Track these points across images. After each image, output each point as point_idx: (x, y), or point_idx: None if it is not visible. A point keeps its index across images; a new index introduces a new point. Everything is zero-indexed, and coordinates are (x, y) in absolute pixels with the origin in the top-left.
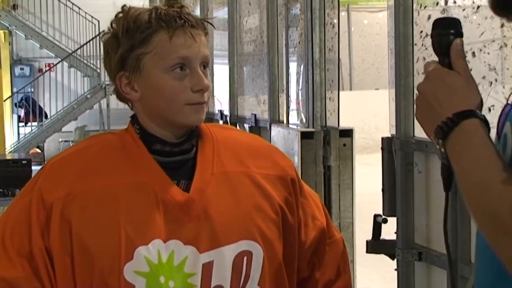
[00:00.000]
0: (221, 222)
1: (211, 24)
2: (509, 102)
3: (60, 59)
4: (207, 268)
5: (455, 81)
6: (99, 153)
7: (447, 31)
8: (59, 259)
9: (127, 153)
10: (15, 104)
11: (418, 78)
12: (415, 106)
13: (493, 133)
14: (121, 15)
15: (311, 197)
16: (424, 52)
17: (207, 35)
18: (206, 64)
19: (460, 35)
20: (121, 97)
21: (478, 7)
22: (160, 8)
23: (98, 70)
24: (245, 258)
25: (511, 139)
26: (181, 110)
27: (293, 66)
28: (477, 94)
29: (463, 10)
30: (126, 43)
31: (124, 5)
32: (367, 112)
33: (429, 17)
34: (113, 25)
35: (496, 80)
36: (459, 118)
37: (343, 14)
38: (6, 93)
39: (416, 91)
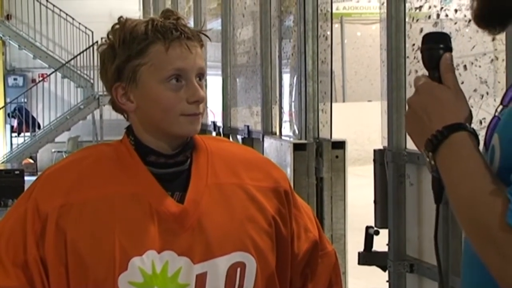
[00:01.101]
0: (215, 234)
1: (207, 36)
2: (497, 114)
3: (53, 70)
4: (201, 279)
5: (444, 95)
6: (94, 164)
7: (437, 45)
8: (54, 269)
9: (122, 164)
10: (8, 115)
11: (410, 91)
12: (404, 120)
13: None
14: (117, 26)
15: (304, 209)
16: (416, 65)
17: (203, 47)
18: (202, 75)
19: (450, 49)
20: (116, 108)
21: (470, 20)
22: (157, 19)
23: (92, 81)
24: (238, 269)
25: (498, 151)
26: (177, 121)
27: (286, 78)
28: (466, 107)
29: (455, 23)
30: (123, 54)
31: (121, 17)
32: (360, 124)
33: (421, 30)
34: (110, 36)
35: (487, 93)
36: (448, 131)
37: (336, 26)
38: None
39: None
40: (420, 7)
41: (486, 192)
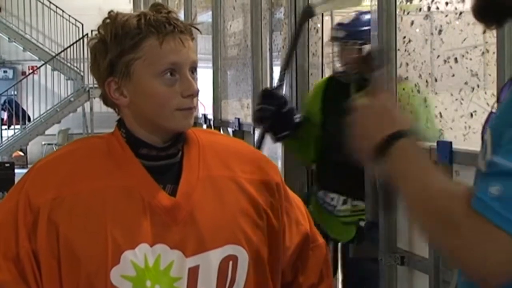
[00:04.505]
0: (207, 227)
1: (198, 29)
2: (493, 110)
3: (43, 62)
4: (193, 272)
5: (381, 110)
6: (86, 157)
7: (373, 60)
8: (46, 262)
9: (113, 157)
10: None
11: (402, 84)
12: (349, 136)
13: (477, 138)
14: (108, 20)
15: (295, 202)
16: (407, 58)
17: (194, 39)
18: (195, 68)
19: (384, 64)
20: (108, 103)
21: (461, 13)
22: (148, 13)
23: (82, 73)
24: (230, 263)
25: (490, 145)
26: (172, 115)
27: (276, 71)
28: (403, 117)
29: (446, 16)
30: (115, 49)
31: (111, 11)
32: None
33: (412, 23)
34: (100, 30)
35: (478, 85)
36: (393, 138)
37: (326, 18)
38: None
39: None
40: None
41: (442, 184)
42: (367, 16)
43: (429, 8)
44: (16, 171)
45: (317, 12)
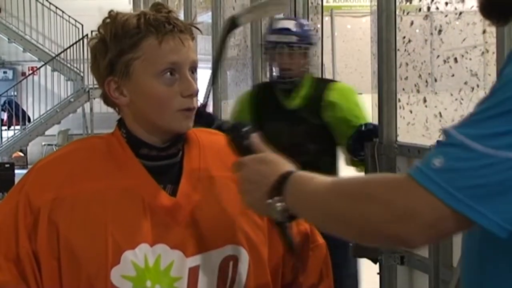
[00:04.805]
0: (207, 227)
1: (198, 29)
2: None
3: (43, 63)
4: (194, 272)
5: (266, 160)
6: (86, 157)
7: (240, 133)
8: (46, 263)
9: (113, 157)
10: None
11: (401, 83)
12: (240, 193)
13: None
14: (108, 20)
15: None
16: (406, 58)
17: (194, 39)
18: (195, 68)
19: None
20: (109, 102)
21: (461, 13)
22: (148, 13)
23: (82, 74)
24: (231, 263)
25: None
26: (172, 116)
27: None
28: (286, 161)
29: (446, 16)
30: (115, 48)
31: (111, 10)
32: None
33: (411, 23)
34: (101, 30)
35: (478, 85)
36: (285, 177)
37: (326, 19)
38: None
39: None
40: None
41: (356, 178)
42: (302, 20)
43: (428, 8)
44: (16, 171)
45: (241, 22)
